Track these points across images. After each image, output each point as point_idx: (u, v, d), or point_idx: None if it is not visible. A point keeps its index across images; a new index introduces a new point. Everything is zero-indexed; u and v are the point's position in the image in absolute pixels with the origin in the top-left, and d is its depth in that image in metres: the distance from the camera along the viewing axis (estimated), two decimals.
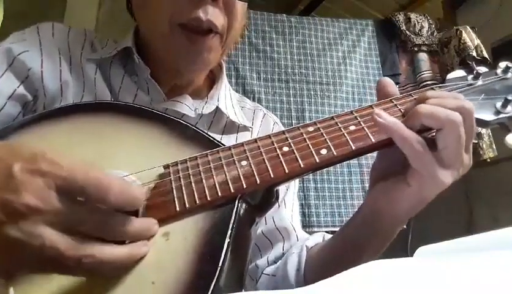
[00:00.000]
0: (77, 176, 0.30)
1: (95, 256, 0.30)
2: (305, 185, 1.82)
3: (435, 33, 2.22)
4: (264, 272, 0.59)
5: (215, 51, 0.55)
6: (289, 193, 0.67)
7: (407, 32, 2.18)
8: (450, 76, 0.44)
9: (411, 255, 0.29)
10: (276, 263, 0.60)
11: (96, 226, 0.30)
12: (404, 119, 0.38)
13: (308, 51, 2.07)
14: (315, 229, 1.77)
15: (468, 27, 2.09)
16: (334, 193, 1.85)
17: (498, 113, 0.39)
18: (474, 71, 0.43)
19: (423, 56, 2.17)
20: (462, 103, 0.37)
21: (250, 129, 0.65)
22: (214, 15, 0.52)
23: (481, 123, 0.40)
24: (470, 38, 2.03)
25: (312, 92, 1.99)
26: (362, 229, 0.46)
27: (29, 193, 0.28)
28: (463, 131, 0.36)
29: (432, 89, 0.43)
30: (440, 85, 0.44)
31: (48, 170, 0.30)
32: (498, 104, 0.39)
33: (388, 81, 0.43)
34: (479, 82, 0.43)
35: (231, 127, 0.63)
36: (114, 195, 0.31)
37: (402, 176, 0.40)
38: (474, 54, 1.99)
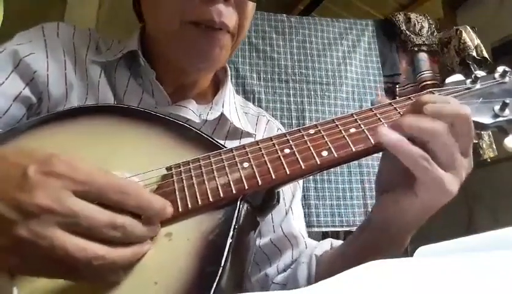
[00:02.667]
0: (96, 180, 0.31)
1: (105, 257, 0.30)
2: (305, 185, 1.82)
3: (435, 33, 2.21)
4: (274, 281, 0.59)
5: (226, 48, 0.55)
6: (295, 200, 0.66)
7: (407, 32, 2.17)
8: (448, 80, 0.45)
9: (411, 255, 0.30)
10: (286, 271, 0.59)
11: (105, 229, 0.30)
12: (391, 127, 0.38)
13: (308, 51, 2.06)
14: (315, 229, 1.77)
15: (468, 27, 2.09)
16: (334, 193, 1.85)
17: (496, 116, 0.40)
18: (473, 75, 0.43)
19: (423, 56, 2.16)
20: (456, 110, 0.37)
21: (254, 135, 0.65)
22: (226, 15, 0.51)
23: (479, 126, 0.40)
24: (470, 38, 2.03)
25: (312, 92, 1.99)
26: (372, 239, 0.46)
27: (41, 194, 0.29)
28: (449, 139, 0.36)
29: (432, 92, 0.43)
30: (439, 89, 0.44)
31: (64, 172, 0.30)
32: (496, 107, 0.40)
33: None
34: (477, 86, 0.43)
35: (234, 133, 0.63)
36: (133, 197, 0.32)
37: (409, 186, 0.39)
38: (474, 54, 1.98)
